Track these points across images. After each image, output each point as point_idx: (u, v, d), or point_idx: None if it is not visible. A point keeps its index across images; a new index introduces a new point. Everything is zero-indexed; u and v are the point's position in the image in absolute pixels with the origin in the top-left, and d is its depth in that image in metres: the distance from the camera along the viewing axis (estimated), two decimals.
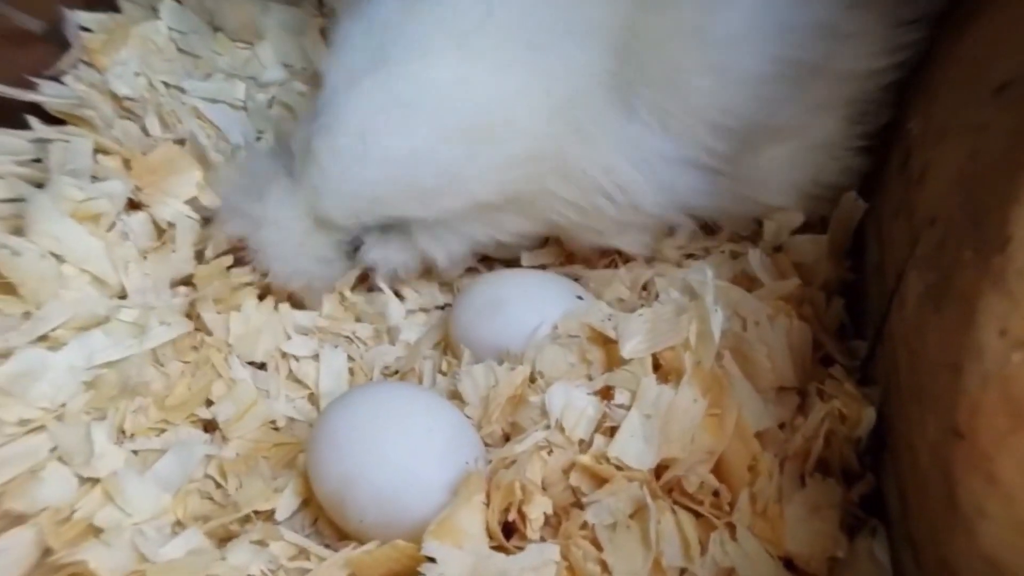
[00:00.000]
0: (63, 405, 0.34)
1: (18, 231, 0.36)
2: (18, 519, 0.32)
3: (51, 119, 0.43)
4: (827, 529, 0.30)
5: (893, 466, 0.30)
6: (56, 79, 0.44)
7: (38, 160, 0.40)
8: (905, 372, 0.28)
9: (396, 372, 0.44)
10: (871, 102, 0.38)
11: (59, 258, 0.35)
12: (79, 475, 0.33)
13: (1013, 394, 0.20)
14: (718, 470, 0.32)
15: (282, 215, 0.39)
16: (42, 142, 0.40)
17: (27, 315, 0.35)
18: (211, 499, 0.35)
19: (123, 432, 0.35)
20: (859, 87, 0.38)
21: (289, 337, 0.43)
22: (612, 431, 0.34)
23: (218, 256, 0.41)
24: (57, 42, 0.44)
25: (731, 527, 0.31)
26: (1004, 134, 0.24)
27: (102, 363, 0.34)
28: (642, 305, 0.42)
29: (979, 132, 0.26)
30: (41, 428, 0.33)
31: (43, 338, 0.34)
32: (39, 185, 0.39)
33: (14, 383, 0.33)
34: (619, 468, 0.33)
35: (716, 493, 0.32)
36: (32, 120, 0.41)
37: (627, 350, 0.36)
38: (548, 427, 0.35)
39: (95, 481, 0.33)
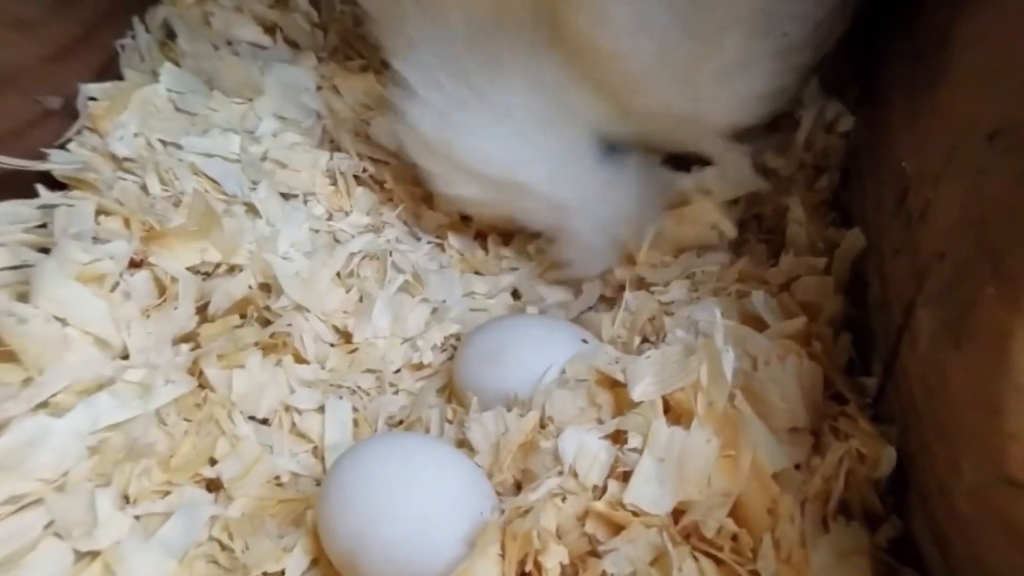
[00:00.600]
0: (65, 474, 0.32)
1: (23, 297, 0.36)
2: None
3: (58, 185, 0.43)
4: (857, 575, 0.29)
5: (924, 511, 0.29)
6: (64, 148, 0.45)
7: (43, 226, 0.41)
8: (924, 410, 0.28)
9: (400, 422, 0.43)
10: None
11: (63, 321, 0.35)
12: (76, 549, 0.31)
13: None
14: (736, 513, 0.31)
15: None
16: (48, 208, 0.41)
17: (27, 382, 0.34)
18: (217, 563, 0.34)
19: (126, 498, 0.34)
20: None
21: (293, 391, 0.42)
22: (626, 476, 0.33)
23: (226, 315, 0.41)
24: (72, 115, 0.46)
25: (756, 574, 0.30)
26: (1005, 178, 0.25)
27: (107, 426, 0.33)
28: (641, 343, 0.42)
29: (979, 175, 0.26)
30: (37, 502, 0.32)
31: (44, 404, 0.33)
32: (44, 250, 0.38)
33: (9, 456, 0.31)
34: (635, 514, 0.32)
35: (735, 538, 0.31)
36: (40, 188, 0.42)
37: (637, 393, 0.36)
38: (561, 473, 0.34)
39: (95, 555, 0.31)
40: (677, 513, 0.32)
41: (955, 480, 0.25)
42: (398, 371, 0.45)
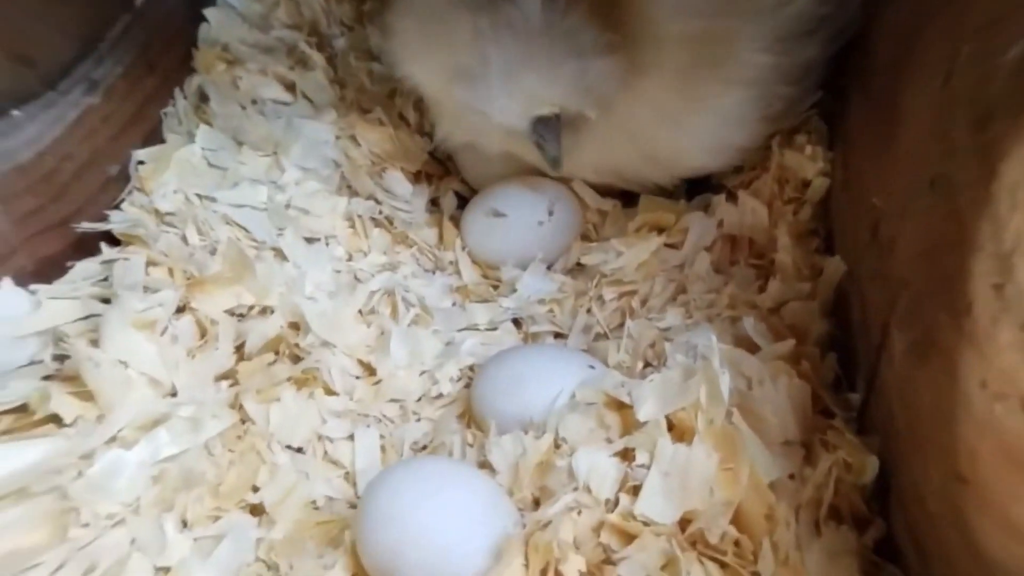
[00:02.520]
0: (137, 499, 0.35)
1: (94, 343, 0.39)
2: None
3: (116, 242, 0.47)
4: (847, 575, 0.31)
5: (902, 514, 0.31)
6: (118, 208, 0.49)
7: (105, 279, 0.44)
8: (901, 421, 0.30)
9: (424, 447, 0.45)
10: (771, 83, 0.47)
11: (125, 364, 0.38)
12: (155, 565, 0.34)
13: (1004, 441, 0.22)
14: (737, 521, 0.34)
15: None
16: (108, 263, 0.45)
17: (100, 418, 0.37)
18: None
19: (183, 522, 0.36)
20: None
21: (325, 421, 0.44)
22: (635, 490, 0.35)
23: (261, 353, 0.43)
24: (127, 179, 0.52)
25: None
26: (944, 219, 0.28)
27: (165, 457, 0.36)
28: (644, 367, 0.44)
29: (928, 214, 0.30)
30: (122, 522, 0.35)
31: (113, 439, 0.36)
32: (105, 300, 0.42)
33: (100, 481, 0.35)
34: (646, 524, 0.34)
35: (737, 543, 0.33)
36: (103, 246, 0.47)
37: (643, 413, 0.38)
38: (576, 489, 0.36)
39: (167, 570, 0.34)
40: (683, 522, 0.34)
41: (926, 483, 0.27)
42: (419, 400, 0.48)
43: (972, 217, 0.24)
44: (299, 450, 0.43)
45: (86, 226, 0.47)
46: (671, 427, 0.37)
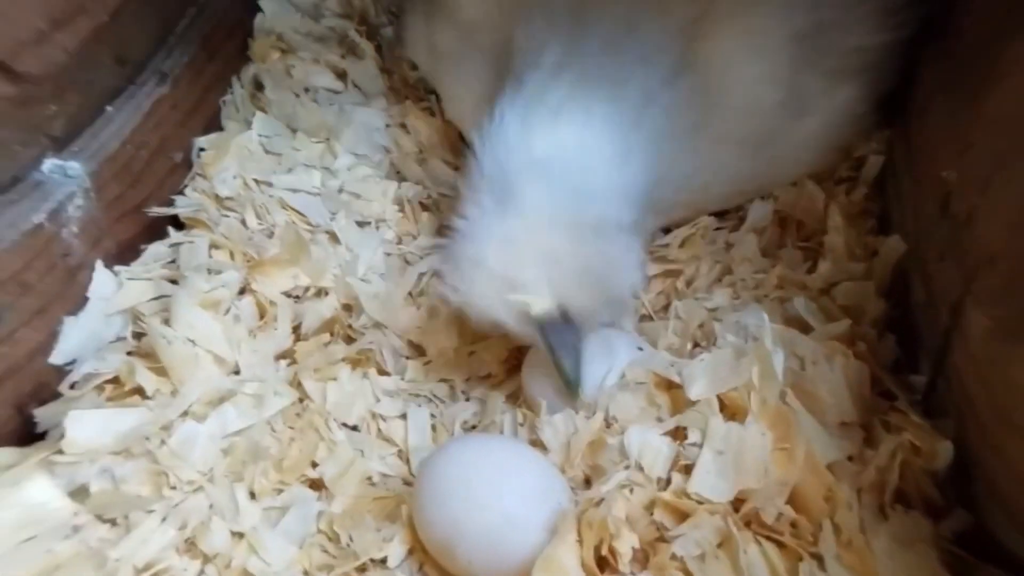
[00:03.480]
0: (211, 469, 0.37)
1: (165, 322, 0.41)
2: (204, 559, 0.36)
3: (182, 225, 0.49)
4: (924, 564, 0.30)
5: (999, 503, 0.29)
6: (183, 194, 0.51)
7: (173, 261, 0.46)
8: (983, 403, 0.28)
9: (473, 427, 0.45)
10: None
11: (193, 342, 0.39)
12: (231, 529, 0.36)
13: None
14: (794, 502, 0.33)
15: None
16: (175, 245, 0.46)
17: (174, 393, 0.39)
18: (327, 552, 0.36)
19: (251, 493, 0.37)
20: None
21: (378, 400, 0.45)
22: (687, 468, 0.35)
23: (317, 333, 0.44)
24: (190, 165, 0.53)
25: (818, 558, 0.31)
26: None
27: (233, 432, 0.37)
28: (693, 348, 0.43)
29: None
30: (201, 488, 0.37)
31: (186, 412, 0.38)
32: (172, 281, 0.44)
33: (180, 450, 0.37)
34: (699, 503, 0.33)
35: (795, 524, 0.32)
36: (170, 229, 0.48)
37: (693, 392, 0.37)
38: (628, 468, 0.36)
39: (241, 535, 0.36)
40: (737, 502, 0.33)
41: None
42: (468, 380, 0.48)
43: None
44: (354, 428, 0.44)
45: (157, 210, 0.48)
46: (723, 407, 0.37)
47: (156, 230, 0.48)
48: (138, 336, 0.42)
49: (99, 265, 0.44)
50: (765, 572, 0.31)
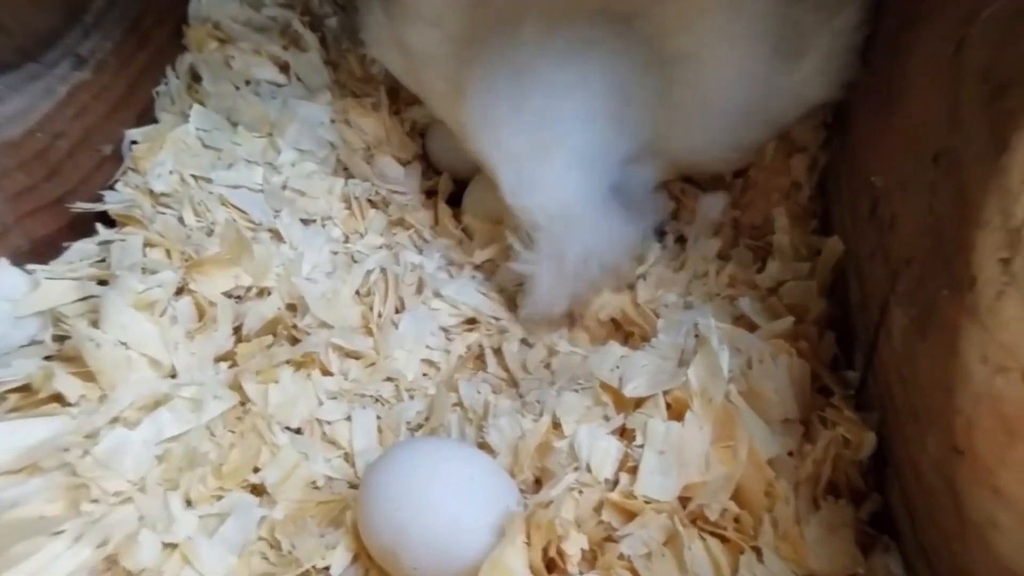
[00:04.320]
0: (143, 478, 0.36)
1: (94, 324, 0.39)
2: None
3: (112, 222, 0.47)
4: (845, 547, 0.32)
5: (898, 483, 0.32)
6: (113, 188, 0.49)
7: (103, 260, 0.44)
8: (899, 396, 0.31)
9: (419, 426, 0.45)
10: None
11: (125, 345, 0.38)
12: (163, 541, 0.35)
13: (1003, 412, 0.23)
14: (737, 498, 0.34)
15: None
16: (105, 243, 0.45)
17: (103, 398, 0.37)
18: (268, 560, 0.36)
19: (188, 501, 0.37)
20: None
21: (321, 403, 0.45)
22: (634, 469, 0.36)
23: (259, 334, 0.44)
24: (121, 159, 0.51)
25: (757, 550, 0.32)
26: (949, 194, 0.28)
27: (169, 437, 0.36)
28: (640, 341, 0.45)
29: (931, 190, 0.30)
30: (130, 499, 0.35)
31: (116, 419, 0.37)
32: (102, 282, 0.42)
33: (107, 460, 0.35)
34: (647, 502, 0.35)
35: (738, 519, 0.34)
36: (99, 227, 0.46)
37: (628, 390, 0.39)
38: (577, 469, 0.37)
39: (174, 547, 0.35)
40: (684, 500, 0.35)
41: (922, 455, 0.28)
42: (414, 379, 0.48)
43: (979, 192, 0.25)
44: (298, 431, 0.44)
45: (81, 206, 0.46)
46: (669, 406, 0.38)
47: (81, 227, 0.46)
48: (60, 339, 0.41)
49: (3, 263, 0.42)
50: (708, 567, 0.32)
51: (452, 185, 0.61)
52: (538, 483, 0.38)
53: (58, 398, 0.38)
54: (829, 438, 0.34)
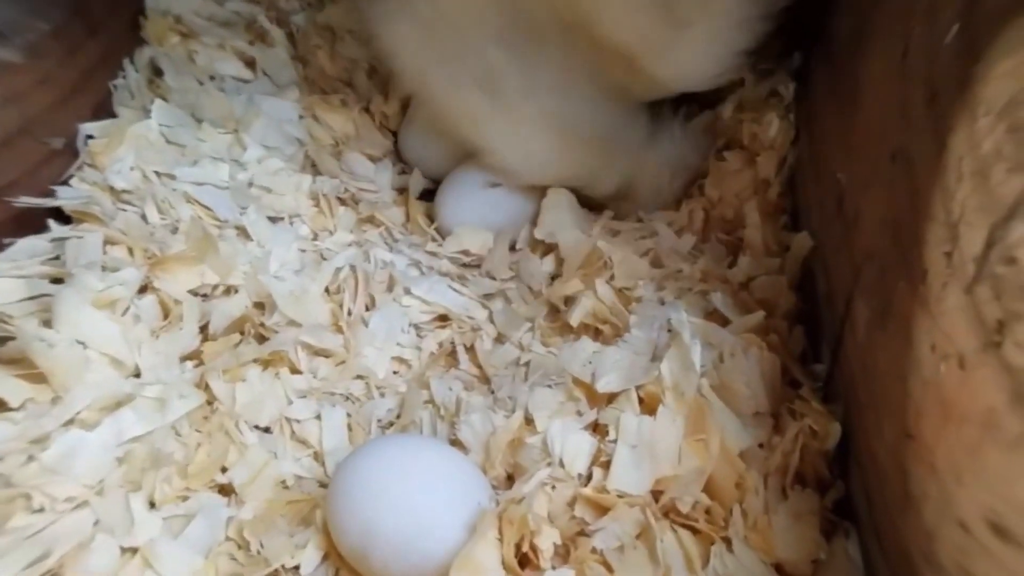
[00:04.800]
0: (101, 481, 0.35)
1: (46, 324, 0.38)
2: None
3: (66, 219, 0.46)
4: (810, 534, 0.33)
5: (858, 470, 0.33)
6: (67, 184, 0.48)
7: (56, 258, 0.43)
8: (861, 386, 0.32)
9: (391, 424, 0.46)
10: None
11: (83, 345, 0.37)
12: (121, 545, 0.34)
13: (943, 397, 0.24)
14: (708, 489, 0.35)
15: None
16: (59, 240, 0.43)
17: (56, 400, 0.36)
18: (237, 560, 0.36)
19: (151, 503, 0.36)
20: None
21: (291, 402, 0.45)
22: (607, 464, 0.37)
23: (226, 333, 0.43)
24: (74, 154, 0.50)
25: (727, 540, 0.33)
26: (904, 191, 0.29)
27: (132, 438, 0.36)
28: (613, 336, 0.45)
29: (889, 187, 0.31)
30: (84, 504, 0.35)
31: (71, 421, 0.36)
32: (57, 280, 0.41)
33: (58, 464, 0.34)
34: (620, 496, 0.35)
35: (709, 511, 0.35)
36: (51, 223, 0.45)
37: (601, 385, 0.39)
38: (550, 464, 0.37)
39: (134, 551, 0.34)
40: (657, 493, 0.35)
41: (878, 441, 0.29)
42: (385, 377, 0.48)
43: (927, 188, 0.26)
44: (267, 430, 0.43)
45: (28, 201, 0.45)
46: (641, 400, 0.39)
47: (26, 222, 0.45)
48: (0, 340, 0.39)
49: None
50: (680, 558, 0.33)
51: (425, 182, 0.61)
52: (510, 479, 0.39)
53: None
54: (797, 429, 0.35)
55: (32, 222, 0.45)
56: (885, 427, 0.28)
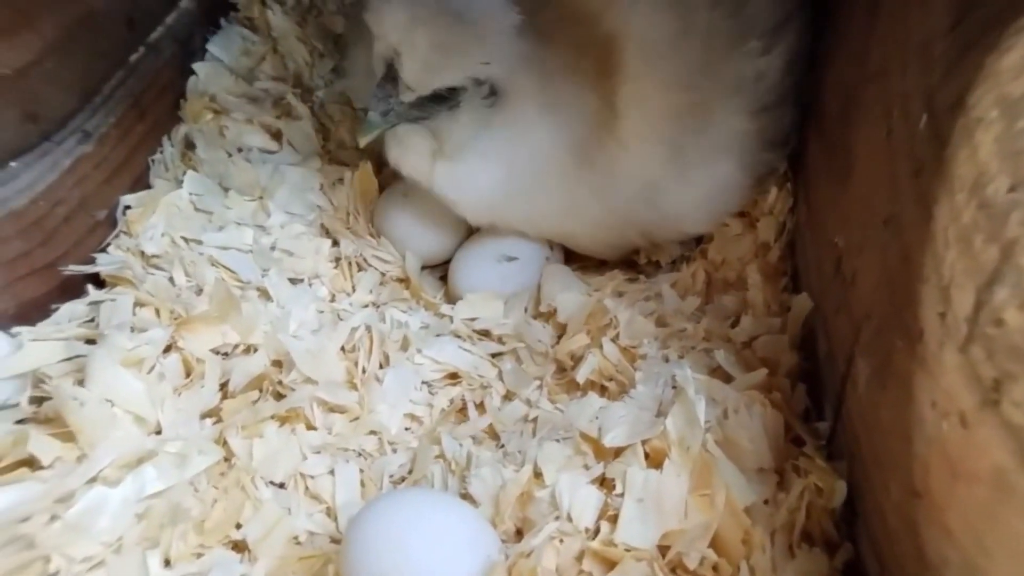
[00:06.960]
0: (120, 538, 0.35)
1: (79, 383, 0.39)
2: None
3: (102, 284, 0.48)
4: None
5: (866, 530, 0.33)
6: (105, 251, 0.50)
7: (92, 320, 0.45)
8: (865, 444, 0.32)
9: (402, 479, 0.45)
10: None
11: (111, 402, 0.38)
12: None
13: (948, 454, 0.24)
14: (715, 545, 0.34)
15: None
16: (95, 304, 0.45)
17: (81, 458, 0.37)
18: None
19: (167, 560, 0.36)
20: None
21: (305, 457, 0.45)
22: (615, 518, 0.36)
23: (245, 390, 0.44)
24: (113, 223, 0.53)
25: None
26: (897, 254, 0.30)
27: (152, 494, 0.36)
28: (619, 393, 0.45)
29: (883, 250, 0.32)
30: (101, 564, 0.35)
31: (95, 478, 0.36)
32: (90, 341, 0.42)
33: (80, 521, 0.35)
34: (627, 550, 0.35)
35: (716, 567, 0.34)
36: (89, 287, 0.47)
37: (608, 439, 0.39)
38: (558, 518, 0.37)
39: None
40: (664, 548, 0.35)
41: (886, 500, 0.29)
42: (397, 432, 0.48)
43: (918, 253, 0.27)
44: (281, 485, 0.43)
45: (72, 268, 0.47)
46: (647, 455, 0.38)
47: (71, 289, 0.47)
48: (38, 401, 0.40)
49: None
50: None
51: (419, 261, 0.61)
52: (519, 533, 0.38)
53: (28, 463, 0.37)
54: (802, 486, 0.35)
55: (75, 288, 0.47)
56: (891, 485, 0.28)
